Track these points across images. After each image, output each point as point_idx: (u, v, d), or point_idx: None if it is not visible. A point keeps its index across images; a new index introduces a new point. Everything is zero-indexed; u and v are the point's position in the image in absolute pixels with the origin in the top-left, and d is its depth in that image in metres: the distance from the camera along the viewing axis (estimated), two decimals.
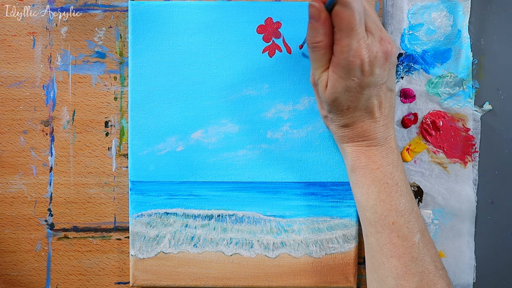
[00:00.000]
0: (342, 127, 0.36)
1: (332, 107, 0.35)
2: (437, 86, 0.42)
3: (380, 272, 0.34)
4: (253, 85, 0.41)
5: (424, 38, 0.42)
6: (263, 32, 0.41)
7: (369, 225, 0.35)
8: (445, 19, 0.42)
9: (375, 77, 0.33)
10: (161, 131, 0.41)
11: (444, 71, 0.42)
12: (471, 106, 0.42)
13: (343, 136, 0.36)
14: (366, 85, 0.33)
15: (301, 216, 0.42)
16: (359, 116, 0.34)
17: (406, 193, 0.34)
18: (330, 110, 0.35)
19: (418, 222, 0.34)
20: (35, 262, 0.43)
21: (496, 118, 0.42)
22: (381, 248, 0.34)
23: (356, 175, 0.36)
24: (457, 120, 0.42)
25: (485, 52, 0.42)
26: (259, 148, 0.41)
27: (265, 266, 0.42)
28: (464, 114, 0.42)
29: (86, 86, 0.42)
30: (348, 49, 0.31)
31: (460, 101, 0.42)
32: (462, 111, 0.42)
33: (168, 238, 0.41)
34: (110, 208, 0.43)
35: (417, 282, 0.32)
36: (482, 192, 0.42)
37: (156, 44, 0.41)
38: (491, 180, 0.42)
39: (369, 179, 0.35)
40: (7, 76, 0.42)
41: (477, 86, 0.42)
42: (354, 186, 0.36)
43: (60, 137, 0.42)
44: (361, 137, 0.35)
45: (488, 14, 0.42)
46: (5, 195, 0.43)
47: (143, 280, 0.42)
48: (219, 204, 0.42)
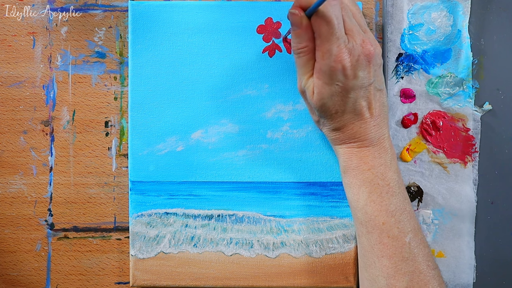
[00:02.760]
0: (333, 131, 0.36)
1: (321, 112, 0.35)
2: (437, 86, 0.42)
3: (371, 271, 0.34)
4: (253, 85, 0.41)
5: (424, 38, 0.42)
6: (263, 32, 0.41)
7: (360, 225, 0.35)
8: (445, 19, 0.42)
9: (359, 80, 0.33)
10: (161, 131, 0.41)
11: (444, 71, 0.42)
12: (471, 106, 0.42)
13: (335, 138, 0.37)
14: (350, 89, 0.33)
15: (301, 216, 0.42)
16: (348, 119, 0.35)
17: (398, 193, 0.35)
18: (320, 115, 0.36)
19: (410, 222, 0.34)
20: (35, 262, 0.43)
21: (496, 118, 0.42)
22: (372, 247, 0.34)
23: (347, 176, 0.36)
24: (457, 120, 0.42)
25: (485, 52, 0.42)
26: (259, 148, 0.41)
27: (265, 266, 0.42)
28: (464, 114, 0.42)
29: (86, 86, 0.42)
30: (329, 54, 0.32)
31: (460, 101, 0.42)
32: (462, 111, 0.42)
33: (168, 238, 0.41)
34: (110, 208, 0.43)
35: (408, 282, 0.33)
36: (482, 192, 0.42)
37: (156, 44, 0.41)
38: (491, 180, 0.42)
39: (360, 180, 0.35)
40: (7, 76, 0.42)
41: (477, 86, 0.42)
42: (345, 187, 0.37)
43: (60, 137, 0.42)
44: (352, 138, 0.35)
45: (488, 14, 0.42)
46: (5, 195, 0.43)
47: (143, 280, 0.42)
48: (219, 204, 0.42)
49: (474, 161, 0.42)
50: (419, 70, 0.42)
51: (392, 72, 0.42)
